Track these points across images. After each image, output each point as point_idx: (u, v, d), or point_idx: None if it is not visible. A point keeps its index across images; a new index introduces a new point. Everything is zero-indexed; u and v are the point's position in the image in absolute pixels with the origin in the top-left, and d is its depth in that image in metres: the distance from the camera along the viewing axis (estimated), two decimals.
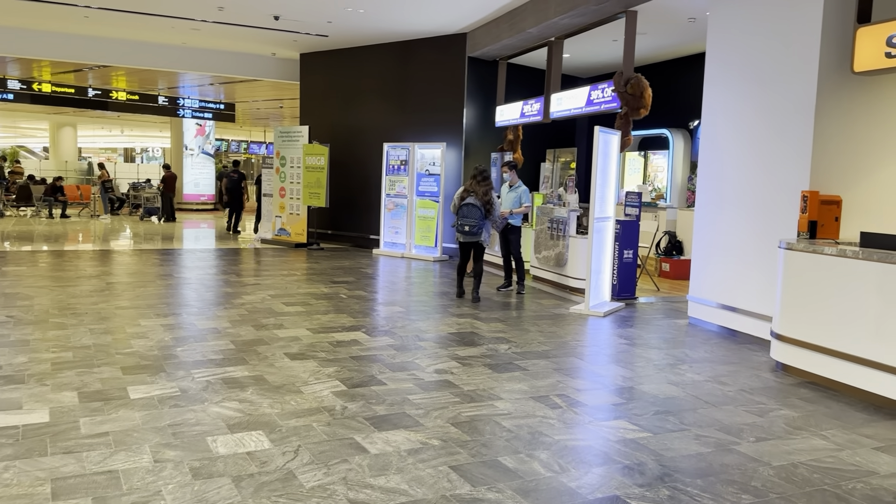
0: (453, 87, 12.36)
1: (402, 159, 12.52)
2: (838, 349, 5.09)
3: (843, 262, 5.06)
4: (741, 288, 6.78)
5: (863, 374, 4.90)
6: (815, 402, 4.82)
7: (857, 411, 4.66)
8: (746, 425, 4.31)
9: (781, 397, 4.93)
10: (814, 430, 4.28)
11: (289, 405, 4.40)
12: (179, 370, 5.10)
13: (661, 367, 5.61)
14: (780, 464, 3.73)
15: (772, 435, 4.16)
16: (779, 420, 4.43)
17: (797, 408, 4.69)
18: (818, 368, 5.28)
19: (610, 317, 7.65)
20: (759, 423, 4.37)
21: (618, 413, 4.44)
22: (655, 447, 3.89)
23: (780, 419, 4.45)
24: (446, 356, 5.72)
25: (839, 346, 5.08)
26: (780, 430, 4.25)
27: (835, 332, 5.13)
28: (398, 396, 4.63)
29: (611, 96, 8.84)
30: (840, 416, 4.56)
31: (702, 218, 7.34)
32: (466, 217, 7.99)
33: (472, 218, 7.98)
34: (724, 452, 3.86)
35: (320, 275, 10.10)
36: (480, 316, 7.43)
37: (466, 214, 7.99)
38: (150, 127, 33.21)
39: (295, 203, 13.99)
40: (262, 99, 22.76)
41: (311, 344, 5.99)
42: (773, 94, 6.44)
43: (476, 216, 7.96)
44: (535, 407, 4.51)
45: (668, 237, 10.85)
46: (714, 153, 7.18)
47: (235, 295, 8.21)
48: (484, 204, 8.02)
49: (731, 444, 3.99)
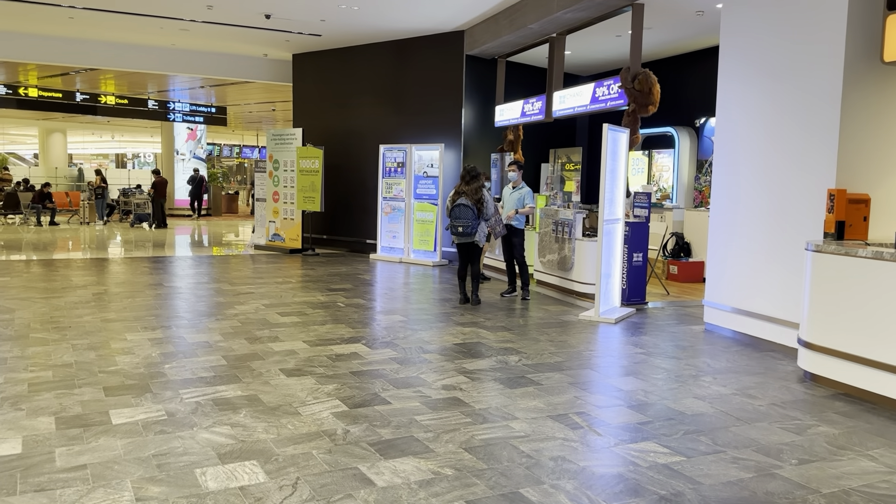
0: (451, 87, 12.00)
1: (399, 161, 12.15)
2: (876, 358, 4.74)
3: (880, 265, 4.71)
4: (761, 292, 6.43)
5: None
6: (854, 417, 4.47)
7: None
8: (785, 445, 3.95)
9: (817, 411, 4.58)
10: (859, 449, 3.92)
11: (285, 429, 4.03)
12: (167, 390, 4.72)
13: (684, 380, 5.25)
14: (831, 490, 3.37)
15: (814, 456, 3.80)
16: (819, 438, 4.07)
17: (836, 423, 4.34)
18: (853, 379, 4.93)
19: (621, 323, 7.29)
20: (798, 442, 4.01)
21: (644, 433, 4.08)
22: (691, 473, 3.53)
23: (821, 437, 4.09)
24: (453, 370, 5.35)
25: (877, 355, 4.73)
26: (822, 449, 3.90)
27: (871, 341, 4.78)
28: (404, 417, 4.26)
29: (617, 93, 8.49)
30: (884, 432, 4.21)
31: (717, 218, 6.99)
32: (459, 218, 7.83)
33: (464, 218, 7.80)
34: (766, 478, 3.50)
35: (316, 282, 9.72)
36: (486, 324, 7.07)
37: (459, 215, 7.83)
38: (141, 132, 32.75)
39: (289, 208, 13.61)
40: (254, 102, 22.38)
41: (309, 358, 5.62)
42: (794, 87, 6.10)
43: (468, 216, 7.79)
44: (553, 427, 4.14)
45: (676, 238, 10.51)
46: (730, 150, 6.83)
47: (228, 305, 7.83)
48: (475, 203, 7.83)
49: (772, 467, 3.63)
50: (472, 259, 8.17)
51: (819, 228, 5.80)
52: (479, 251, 8.20)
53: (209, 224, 21.30)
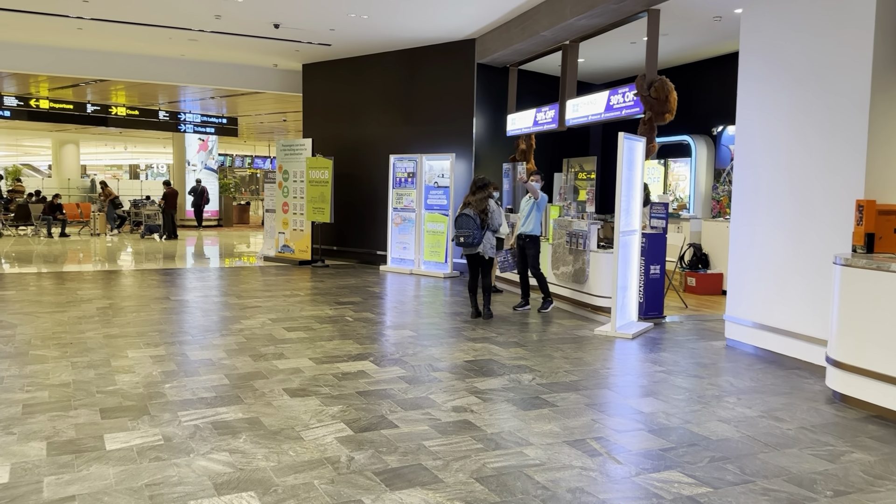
0: (462, 96, 11.82)
1: (410, 171, 11.97)
2: None
3: None
4: (785, 307, 6.17)
5: None
6: (889, 443, 4.21)
7: None
8: (818, 475, 3.69)
9: (849, 436, 4.32)
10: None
11: (287, 456, 3.81)
12: (165, 412, 4.52)
13: (707, 400, 5.00)
14: None
15: (851, 487, 3.55)
16: (854, 467, 3.81)
17: (871, 450, 4.08)
18: (886, 401, 4.66)
19: (639, 339, 7.04)
20: (832, 470, 3.75)
21: (668, 461, 3.84)
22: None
23: (856, 465, 3.83)
24: (464, 390, 5.12)
25: None
26: (858, 480, 3.64)
27: None
28: (412, 443, 4.04)
29: (633, 101, 8.26)
30: None
31: (739, 230, 6.74)
32: (462, 228, 7.74)
33: (466, 228, 7.70)
34: None
35: (325, 295, 9.53)
36: (498, 340, 6.84)
37: (462, 225, 7.74)
38: (153, 143, 32.83)
39: (298, 219, 13.45)
40: (265, 112, 22.30)
41: (314, 377, 5.41)
42: (819, 92, 5.86)
43: (470, 226, 7.67)
44: (570, 454, 3.91)
45: (693, 250, 10.24)
46: (751, 159, 6.59)
47: (234, 319, 7.65)
48: (479, 213, 7.72)
49: (805, 500, 3.38)
50: (483, 271, 7.97)
51: (846, 241, 5.54)
52: (490, 263, 7.99)
53: (220, 235, 21.21)
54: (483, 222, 7.73)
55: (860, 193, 5.45)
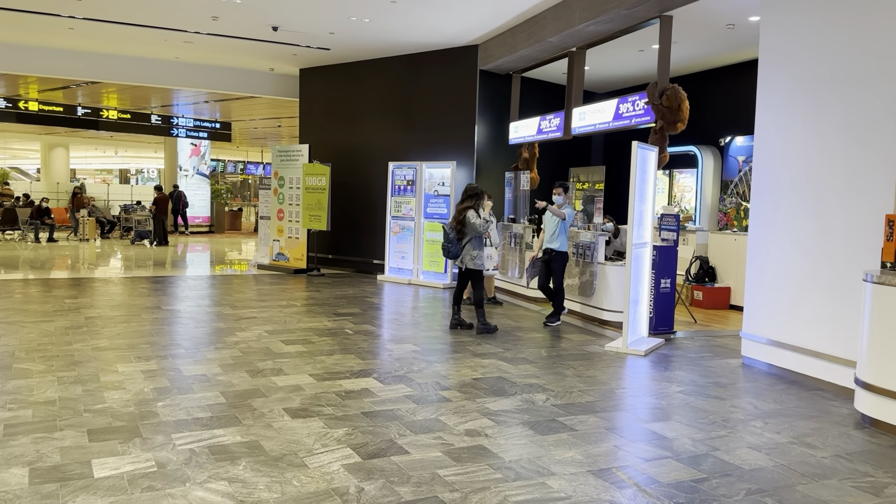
0: (464, 103, 11.56)
1: (409, 179, 11.70)
2: None
3: None
4: (806, 325, 5.92)
5: None
6: None
7: None
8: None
9: (888, 465, 4.06)
10: None
11: (291, 486, 3.52)
12: (158, 434, 4.21)
13: (732, 425, 4.73)
14: None
15: None
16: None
17: None
18: None
19: (651, 356, 6.78)
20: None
21: (702, 495, 3.56)
22: None
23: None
24: (476, 411, 4.83)
25: None
26: None
27: None
28: (426, 472, 3.75)
29: (643, 109, 8.03)
30: None
31: (757, 245, 6.50)
32: (444, 238, 7.68)
33: (445, 240, 7.63)
34: None
35: (322, 305, 9.22)
36: (505, 356, 6.56)
37: (444, 235, 7.68)
38: (144, 147, 32.43)
39: (294, 226, 13.14)
40: (259, 118, 22.01)
41: (316, 395, 5.11)
42: (843, 103, 5.63)
43: (446, 238, 7.61)
44: (597, 487, 3.63)
45: (700, 262, 10.00)
46: (770, 172, 6.35)
47: (228, 331, 7.33)
48: (457, 224, 7.59)
49: None
50: (473, 285, 7.74)
51: (872, 257, 5.30)
52: (478, 276, 7.66)
53: (211, 241, 20.85)
54: (460, 234, 7.52)
55: (888, 208, 5.22)
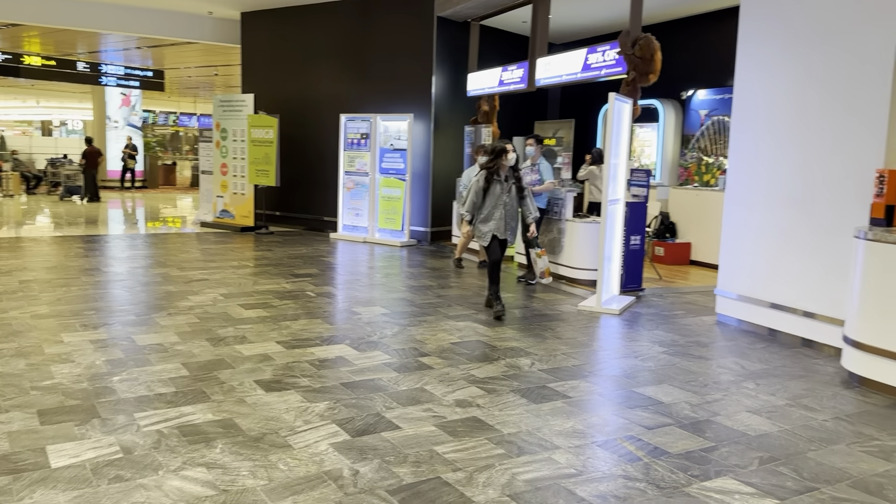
0: (420, 52, 11.05)
1: (363, 132, 11.19)
2: None
3: None
4: (785, 282, 5.83)
5: None
6: None
7: None
8: (881, 477, 3.32)
9: (890, 426, 3.98)
10: None
11: (277, 471, 3.18)
12: (118, 413, 3.80)
13: (725, 387, 4.60)
14: None
15: None
16: None
17: None
18: None
19: (626, 315, 6.63)
20: (893, 472, 3.39)
21: (715, 465, 3.39)
22: None
23: None
24: (462, 379, 4.56)
25: None
26: None
27: None
28: (422, 448, 3.47)
29: (614, 60, 7.75)
30: None
31: (734, 202, 6.35)
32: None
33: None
34: None
35: (277, 266, 8.76)
36: (479, 317, 6.30)
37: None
38: (68, 97, 30.51)
39: (239, 182, 12.50)
40: (194, 66, 20.85)
41: (288, 365, 4.75)
42: (831, 55, 5.45)
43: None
44: (606, 460, 3.41)
45: (661, 218, 9.92)
46: (750, 126, 6.17)
47: (179, 295, 6.84)
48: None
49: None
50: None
51: (857, 212, 5.20)
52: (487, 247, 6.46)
53: (146, 197, 19.88)
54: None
55: (877, 163, 5.10)
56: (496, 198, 6.20)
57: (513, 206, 6.29)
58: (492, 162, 6.20)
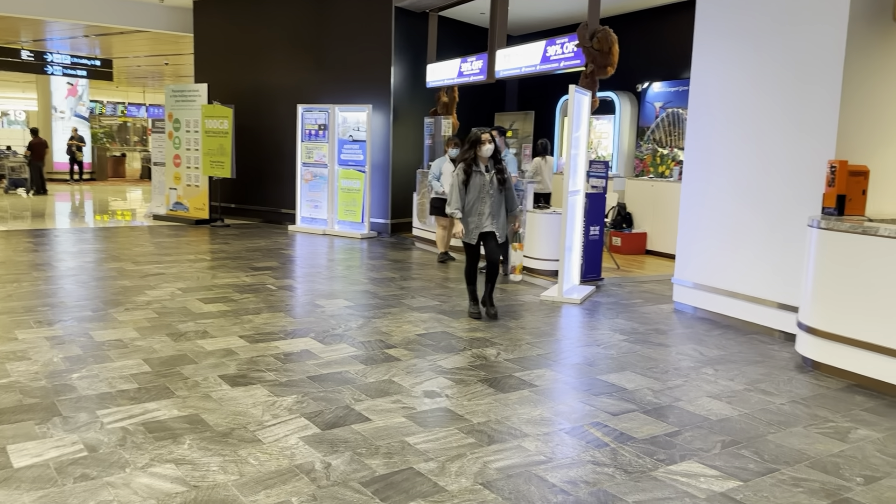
0: (379, 42, 10.98)
1: (321, 123, 11.09)
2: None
3: None
4: (739, 270, 5.99)
5: None
6: (885, 416, 4.05)
7: None
8: (837, 458, 3.45)
9: (843, 409, 4.13)
10: None
11: (248, 466, 3.16)
12: (80, 411, 3.72)
13: (685, 373, 4.71)
14: None
15: (876, 470, 3.32)
16: (867, 446, 3.60)
17: (872, 425, 3.90)
18: (867, 369, 4.53)
19: (587, 304, 6.73)
20: (848, 452, 3.52)
21: (680, 449, 3.48)
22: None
23: (868, 444, 3.62)
24: (429, 370, 4.58)
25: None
26: (878, 461, 3.42)
27: (893, 328, 4.37)
28: (393, 440, 3.48)
29: (573, 52, 7.82)
30: None
31: (691, 190, 6.49)
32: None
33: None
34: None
35: (235, 259, 8.64)
36: (444, 308, 6.32)
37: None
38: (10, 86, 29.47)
39: (193, 173, 12.27)
40: (143, 55, 20.34)
41: (252, 359, 4.70)
42: (786, 46, 5.60)
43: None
44: (574, 446, 3.47)
45: (618, 209, 10.07)
46: (707, 115, 6.31)
47: (136, 290, 6.71)
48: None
49: (841, 490, 3.11)
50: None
51: (810, 202, 5.38)
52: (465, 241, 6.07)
53: (94, 190, 19.37)
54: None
55: (829, 154, 5.27)
56: (478, 190, 5.82)
57: (497, 198, 5.87)
58: (467, 153, 5.88)
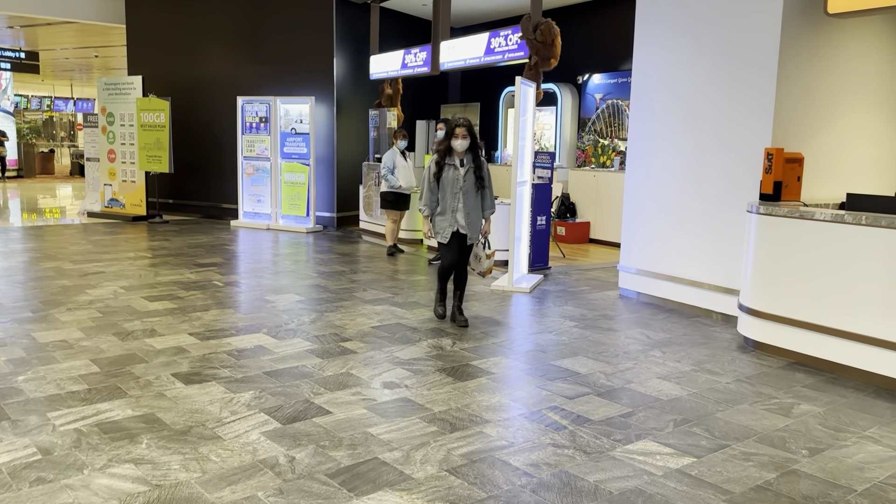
0: (320, 33, 10.84)
1: (262, 116, 10.90)
2: (833, 326, 4.57)
3: (840, 228, 4.51)
4: (681, 256, 6.19)
5: (868, 354, 4.40)
6: (824, 391, 4.26)
7: (876, 399, 4.14)
8: (783, 432, 3.62)
9: (785, 386, 4.33)
10: (854, 430, 3.67)
11: (210, 462, 3.12)
12: (30, 414, 3.60)
13: (634, 356, 4.85)
14: (864, 487, 3.05)
15: (819, 443, 3.49)
16: (810, 420, 3.79)
17: (813, 400, 4.10)
18: (805, 347, 4.75)
19: (535, 292, 6.84)
20: (792, 426, 3.70)
21: (635, 430, 3.59)
22: (713, 479, 3.07)
23: (810, 419, 3.81)
24: (387, 362, 4.60)
25: (834, 322, 4.56)
26: (821, 434, 3.61)
27: (828, 308, 4.59)
28: (356, 431, 3.48)
29: (516, 44, 7.91)
30: (865, 407, 4.01)
31: (634, 179, 6.66)
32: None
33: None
34: (791, 477, 3.12)
35: (177, 255, 8.45)
36: (397, 301, 6.33)
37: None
38: None
39: (129, 168, 11.91)
40: (71, 47, 19.58)
41: (204, 356, 4.62)
42: (723, 38, 5.79)
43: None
44: (534, 430, 3.55)
45: (562, 199, 10.24)
46: (649, 106, 6.47)
47: (77, 289, 6.50)
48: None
49: (788, 462, 3.27)
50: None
51: (747, 188, 5.59)
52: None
53: (22, 187, 18.60)
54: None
55: (765, 142, 5.48)
56: (451, 185, 5.40)
57: (473, 196, 5.44)
58: (441, 144, 5.47)
